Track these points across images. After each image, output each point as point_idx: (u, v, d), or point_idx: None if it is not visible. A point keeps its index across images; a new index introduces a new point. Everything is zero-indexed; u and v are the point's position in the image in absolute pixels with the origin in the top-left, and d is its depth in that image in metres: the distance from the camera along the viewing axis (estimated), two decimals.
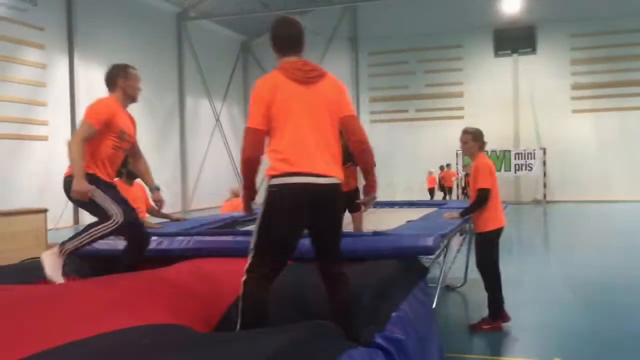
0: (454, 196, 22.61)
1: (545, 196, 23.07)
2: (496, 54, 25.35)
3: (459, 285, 7.16)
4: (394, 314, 3.50)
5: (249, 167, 3.22)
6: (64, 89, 18.03)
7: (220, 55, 26.95)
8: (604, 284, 7.57)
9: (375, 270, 3.76)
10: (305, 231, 3.26)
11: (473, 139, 5.35)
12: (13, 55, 16.30)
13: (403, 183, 24.31)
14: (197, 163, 24.91)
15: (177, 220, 5.62)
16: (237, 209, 11.02)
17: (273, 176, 3.11)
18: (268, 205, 3.13)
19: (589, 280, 7.84)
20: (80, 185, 3.74)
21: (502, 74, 25.16)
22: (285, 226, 3.14)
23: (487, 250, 5.36)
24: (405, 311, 3.59)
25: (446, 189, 22.12)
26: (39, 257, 4.11)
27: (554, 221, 18.00)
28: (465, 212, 5.33)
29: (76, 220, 17.59)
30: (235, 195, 11.03)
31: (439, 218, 5.44)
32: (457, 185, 23.14)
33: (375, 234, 4.13)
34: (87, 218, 16.90)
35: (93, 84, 18.86)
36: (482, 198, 5.24)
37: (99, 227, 3.83)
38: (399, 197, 16.79)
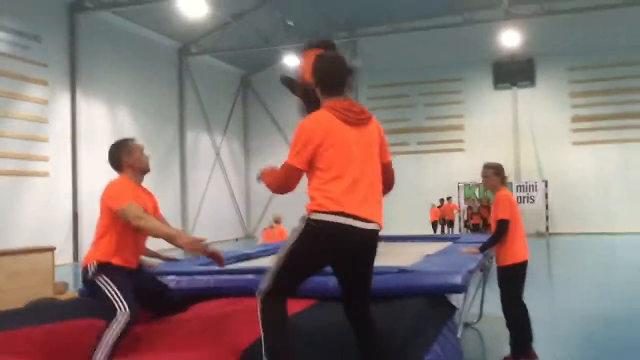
0: (455, 229, 22.51)
1: (547, 228, 22.96)
2: (495, 87, 25.53)
3: (474, 321, 6.99)
4: (426, 358, 3.37)
5: (273, 192, 3.32)
6: (66, 125, 18.01)
7: (221, 89, 27.08)
8: (608, 317, 7.44)
9: (404, 310, 3.63)
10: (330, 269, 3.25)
11: (495, 173, 5.33)
12: (16, 91, 16.31)
13: (405, 216, 24.13)
14: (198, 197, 24.79)
15: (168, 259, 5.38)
16: (278, 237, 10.89)
17: (317, 211, 3.04)
18: (305, 237, 3.07)
19: (593, 314, 7.71)
20: (183, 240, 3.56)
21: (502, 107, 25.30)
22: (316, 261, 3.16)
23: (510, 285, 5.24)
24: (437, 354, 3.47)
25: (447, 222, 22.01)
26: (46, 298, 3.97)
27: (557, 254, 17.85)
28: (485, 246, 5.24)
29: (75, 256, 17.40)
30: (276, 221, 10.89)
31: (458, 253, 5.32)
32: (460, 219, 23.04)
33: (401, 271, 4.01)
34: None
35: (94, 120, 18.91)
36: (501, 229, 5.16)
37: (108, 331, 3.48)
38: (401, 231, 16.58)
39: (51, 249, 7.34)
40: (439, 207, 22.14)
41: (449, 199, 22.52)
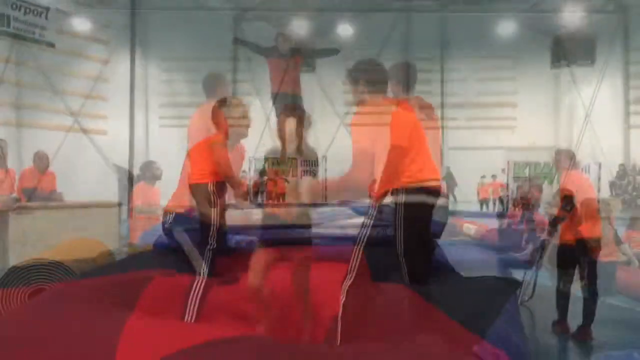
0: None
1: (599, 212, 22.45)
2: (552, 65, 24.81)
3: (526, 299, 7.02)
4: (492, 329, 3.46)
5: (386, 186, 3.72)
6: (124, 85, 18.39)
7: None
8: None
9: (471, 282, 3.73)
10: None
11: (566, 158, 5.44)
12: (79, 50, 16.73)
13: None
14: (246, 161, 25.10)
15: None
16: None
17: (410, 183, 3.60)
18: (412, 205, 3.58)
19: None
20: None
21: (558, 86, 24.64)
22: (427, 221, 3.71)
23: (566, 259, 5.32)
24: (502, 327, 3.55)
25: (495, 200, 21.75)
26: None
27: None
28: (555, 222, 5.34)
29: (130, 213, 17.93)
30: None
31: (521, 230, 5.39)
32: (508, 197, 22.74)
33: (468, 244, 4.10)
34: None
35: (152, 81, 19.29)
36: (566, 204, 5.22)
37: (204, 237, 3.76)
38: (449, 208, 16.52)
39: (118, 204, 7.66)
40: (485, 185, 21.90)
41: (493, 177, 22.22)
